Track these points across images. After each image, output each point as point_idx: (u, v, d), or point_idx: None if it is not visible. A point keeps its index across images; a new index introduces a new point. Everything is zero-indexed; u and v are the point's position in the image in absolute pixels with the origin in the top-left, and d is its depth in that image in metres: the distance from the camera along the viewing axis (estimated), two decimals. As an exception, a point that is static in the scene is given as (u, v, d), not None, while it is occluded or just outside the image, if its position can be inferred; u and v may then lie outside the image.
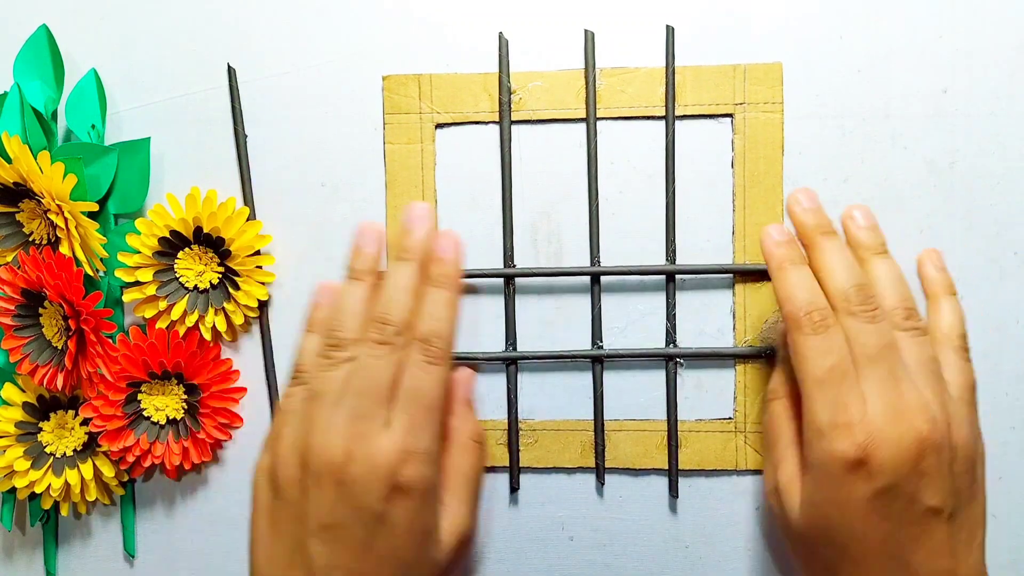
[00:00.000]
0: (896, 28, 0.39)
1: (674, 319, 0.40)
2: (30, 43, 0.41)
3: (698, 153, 0.40)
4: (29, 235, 0.40)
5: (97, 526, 0.43)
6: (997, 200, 0.39)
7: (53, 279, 0.38)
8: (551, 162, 0.40)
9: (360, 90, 0.41)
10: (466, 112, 0.40)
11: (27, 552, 0.43)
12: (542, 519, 0.41)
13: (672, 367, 0.40)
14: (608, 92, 0.40)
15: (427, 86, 0.40)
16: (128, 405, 0.40)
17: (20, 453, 0.41)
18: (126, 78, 0.42)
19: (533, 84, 0.40)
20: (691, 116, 0.40)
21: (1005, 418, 0.39)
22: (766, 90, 0.39)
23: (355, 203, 0.41)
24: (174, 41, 0.42)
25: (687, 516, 0.41)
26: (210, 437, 0.41)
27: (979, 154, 0.39)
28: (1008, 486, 0.40)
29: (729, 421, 0.40)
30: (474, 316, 0.41)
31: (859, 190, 0.39)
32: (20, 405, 0.41)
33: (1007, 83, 0.39)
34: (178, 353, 0.40)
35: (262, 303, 0.41)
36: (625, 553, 0.41)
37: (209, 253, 0.40)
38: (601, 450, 0.40)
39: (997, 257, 0.39)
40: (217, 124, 0.42)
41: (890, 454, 0.30)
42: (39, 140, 0.40)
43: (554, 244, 0.40)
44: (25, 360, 0.40)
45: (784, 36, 0.39)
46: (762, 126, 0.39)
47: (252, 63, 0.41)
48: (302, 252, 0.42)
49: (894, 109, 0.39)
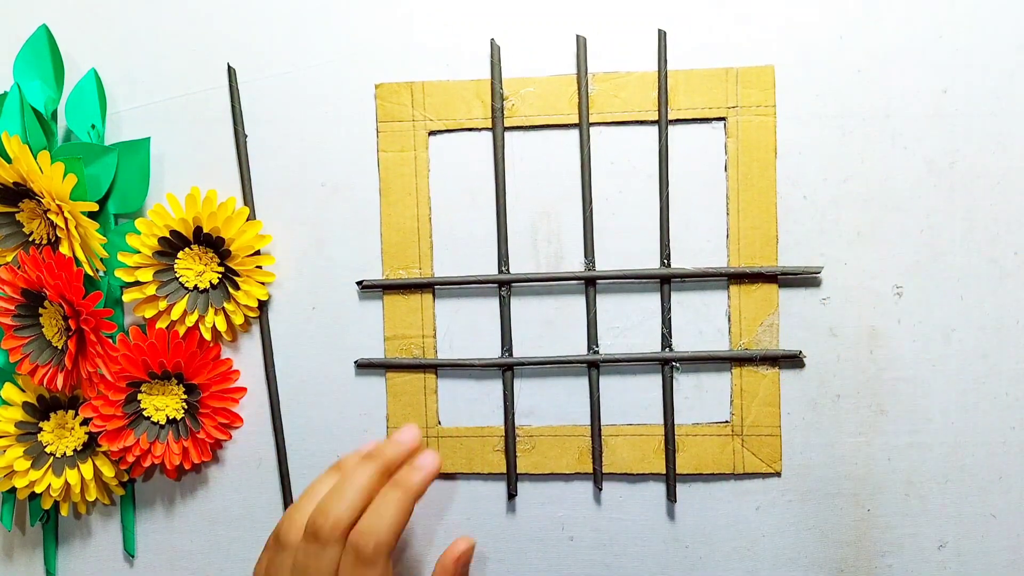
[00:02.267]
0: (896, 28, 0.39)
1: (670, 323, 0.40)
2: (30, 43, 0.41)
3: (691, 157, 0.40)
4: (29, 235, 0.40)
5: (97, 526, 0.43)
6: (997, 200, 0.39)
7: (53, 279, 0.38)
8: (545, 168, 0.40)
9: (358, 92, 0.41)
10: (459, 119, 0.40)
11: (27, 552, 0.43)
12: (542, 519, 0.41)
13: (668, 371, 0.40)
14: (601, 97, 0.40)
15: (419, 94, 0.40)
16: (128, 405, 0.40)
17: (20, 453, 0.41)
18: (126, 78, 0.42)
19: (525, 90, 0.40)
20: (684, 120, 0.40)
21: (1005, 418, 0.39)
22: (759, 93, 0.39)
23: (355, 203, 0.41)
24: (174, 41, 0.42)
25: (686, 517, 0.41)
26: (210, 437, 0.41)
27: (979, 154, 0.39)
28: (1008, 486, 0.40)
29: (726, 424, 0.40)
30: (470, 322, 0.41)
31: (859, 190, 0.39)
32: (20, 405, 0.41)
33: (1007, 83, 0.39)
34: (178, 353, 0.40)
35: (262, 303, 0.41)
36: (625, 553, 0.41)
37: (209, 253, 0.40)
38: (599, 455, 0.40)
39: (997, 257, 0.39)
40: (217, 124, 0.42)
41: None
42: (39, 140, 0.40)
43: (554, 244, 0.40)
44: (25, 360, 0.40)
45: (784, 37, 0.39)
46: (755, 129, 0.39)
47: (252, 63, 0.41)
48: (302, 252, 0.42)
49: (894, 109, 0.39)
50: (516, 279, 0.40)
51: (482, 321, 0.41)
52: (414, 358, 0.41)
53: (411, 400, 0.41)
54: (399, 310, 0.41)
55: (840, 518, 0.40)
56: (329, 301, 0.41)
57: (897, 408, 0.40)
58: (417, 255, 0.41)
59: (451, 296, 0.41)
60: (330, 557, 0.33)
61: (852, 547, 0.40)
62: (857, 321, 0.39)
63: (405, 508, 0.34)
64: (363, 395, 0.42)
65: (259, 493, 0.42)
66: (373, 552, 0.32)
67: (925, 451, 0.40)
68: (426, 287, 0.41)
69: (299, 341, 0.42)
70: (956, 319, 0.39)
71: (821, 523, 0.40)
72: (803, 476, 0.40)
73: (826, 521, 0.40)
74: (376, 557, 0.32)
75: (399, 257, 0.41)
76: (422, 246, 0.41)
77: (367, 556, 0.32)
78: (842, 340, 0.40)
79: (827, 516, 0.40)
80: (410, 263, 0.41)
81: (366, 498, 0.34)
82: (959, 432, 0.40)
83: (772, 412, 0.40)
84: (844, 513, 0.40)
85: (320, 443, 0.42)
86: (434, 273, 0.41)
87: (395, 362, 0.41)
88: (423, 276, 0.41)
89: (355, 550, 0.32)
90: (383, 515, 0.33)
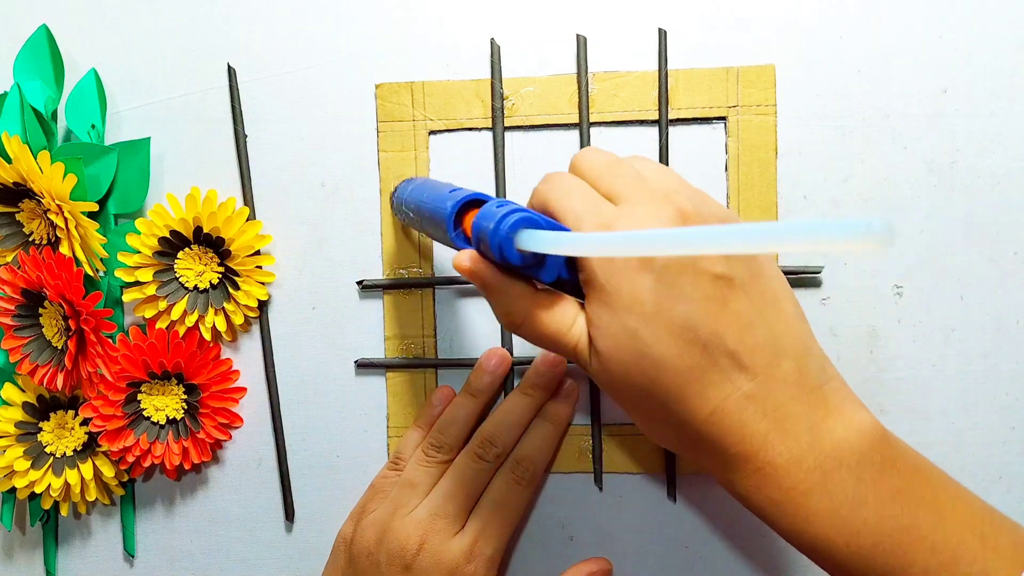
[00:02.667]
0: (896, 28, 0.39)
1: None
2: (30, 43, 0.41)
3: (692, 157, 0.40)
4: (29, 235, 0.40)
5: (97, 526, 0.43)
6: (997, 200, 0.39)
7: (53, 279, 0.38)
8: (545, 168, 0.40)
9: (358, 92, 0.41)
10: (459, 119, 0.40)
11: (27, 552, 0.43)
12: (542, 519, 0.41)
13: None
14: (601, 97, 0.40)
15: (420, 93, 0.40)
16: (128, 405, 0.40)
17: (20, 453, 0.41)
18: (126, 78, 0.42)
19: (526, 90, 0.40)
20: (684, 120, 0.40)
21: (1005, 418, 0.39)
22: (759, 92, 0.39)
23: (355, 203, 0.41)
24: (174, 41, 0.42)
25: (686, 516, 0.41)
26: (210, 437, 0.41)
27: (979, 154, 0.39)
28: (1008, 486, 0.40)
29: (729, 421, 0.40)
30: (470, 322, 0.41)
31: (859, 190, 0.39)
32: (20, 405, 0.41)
33: (1007, 83, 0.39)
34: (178, 353, 0.40)
35: (262, 303, 0.41)
36: (625, 553, 0.41)
37: (209, 253, 0.40)
38: (599, 455, 0.40)
39: (997, 257, 0.39)
40: (217, 124, 0.42)
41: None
42: (39, 140, 0.40)
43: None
44: (25, 360, 0.40)
45: (783, 37, 0.39)
46: (755, 129, 0.39)
47: (252, 63, 0.41)
48: (302, 252, 0.42)
49: (894, 109, 0.39)
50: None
51: (482, 321, 0.41)
52: (414, 358, 0.41)
53: (411, 400, 0.41)
54: (399, 310, 0.41)
55: (840, 518, 0.40)
56: (329, 301, 0.41)
57: (897, 408, 0.40)
58: (417, 255, 0.41)
59: (451, 296, 0.41)
60: (489, 475, 0.38)
61: (852, 547, 0.40)
62: (857, 321, 0.39)
63: (556, 441, 0.40)
64: (363, 395, 0.42)
65: (259, 493, 0.42)
66: (532, 476, 0.38)
67: (925, 451, 0.39)
68: (426, 287, 0.41)
69: (299, 341, 0.42)
70: (956, 319, 0.39)
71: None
72: (803, 476, 0.40)
73: (826, 521, 0.40)
74: (533, 481, 0.38)
75: (399, 257, 0.41)
76: (422, 246, 0.41)
77: (526, 478, 0.37)
78: (842, 340, 0.40)
79: (827, 516, 0.40)
80: (410, 263, 0.41)
81: (523, 426, 0.39)
82: (959, 432, 0.40)
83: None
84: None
85: (320, 443, 0.42)
86: (434, 273, 0.41)
87: (395, 362, 0.41)
88: (423, 276, 0.41)
89: (514, 470, 0.37)
90: (539, 447, 0.38)
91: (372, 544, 0.37)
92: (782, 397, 0.28)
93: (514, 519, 0.38)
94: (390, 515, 0.37)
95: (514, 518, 0.38)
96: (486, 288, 0.30)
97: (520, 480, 0.37)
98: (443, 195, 0.32)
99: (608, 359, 0.29)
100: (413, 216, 0.35)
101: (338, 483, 0.42)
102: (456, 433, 0.38)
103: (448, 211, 0.31)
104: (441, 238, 0.32)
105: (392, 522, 0.37)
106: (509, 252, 0.28)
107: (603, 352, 0.29)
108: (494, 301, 0.30)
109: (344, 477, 0.42)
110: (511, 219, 0.28)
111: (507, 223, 0.28)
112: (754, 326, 0.28)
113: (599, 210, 0.29)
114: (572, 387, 0.40)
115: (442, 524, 0.36)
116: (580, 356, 0.30)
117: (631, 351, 0.28)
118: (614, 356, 0.29)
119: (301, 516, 0.42)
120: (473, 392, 0.39)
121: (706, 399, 0.28)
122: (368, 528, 0.38)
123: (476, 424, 0.39)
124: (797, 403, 0.28)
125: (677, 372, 0.28)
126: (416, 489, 0.37)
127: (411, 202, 0.35)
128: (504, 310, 0.30)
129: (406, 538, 0.36)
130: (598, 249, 0.26)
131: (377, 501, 0.39)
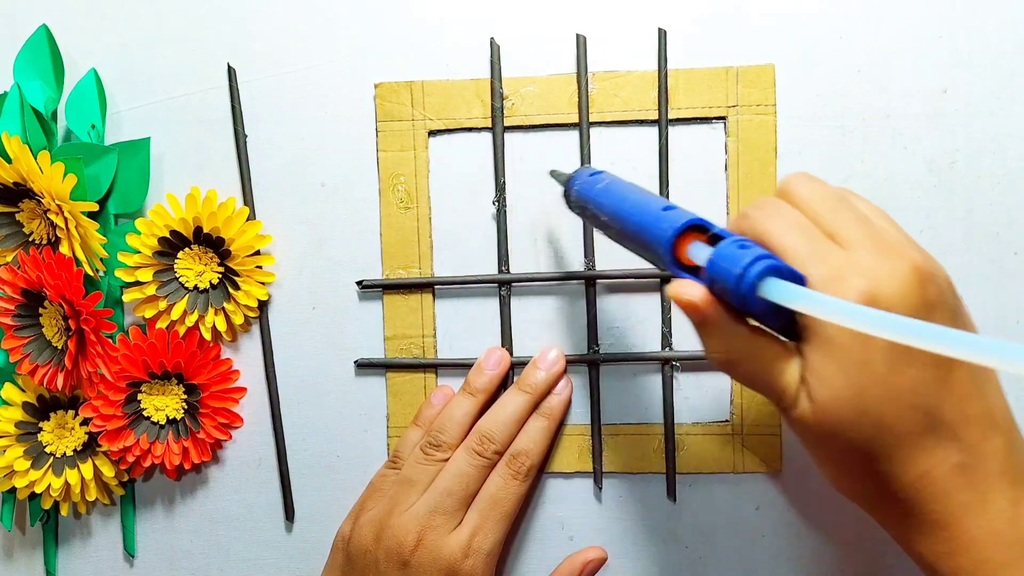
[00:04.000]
0: (896, 28, 0.39)
1: (670, 323, 0.40)
2: (30, 43, 0.41)
3: (692, 156, 0.40)
4: (29, 235, 0.40)
5: (97, 526, 0.43)
6: (997, 200, 0.39)
7: (53, 279, 0.38)
8: (545, 167, 0.40)
9: (357, 92, 0.41)
10: (459, 119, 0.40)
11: (27, 552, 0.43)
12: (542, 519, 0.41)
13: (668, 371, 0.40)
14: (601, 96, 0.40)
15: (419, 93, 0.40)
16: (128, 405, 0.40)
17: (20, 453, 0.41)
18: (126, 78, 0.42)
19: (525, 89, 0.40)
20: (684, 120, 0.40)
21: (1005, 418, 0.39)
22: (759, 92, 0.39)
23: (354, 203, 0.41)
24: (174, 41, 0.42)
25: (687, 516, 0.41)
26: (210, 437, 0.41)
27: (979, 154, 0.39)
28: (1008, 486, 0.39)
29: (726, 424, 0.40)
30: (470, 322, 0.41)
31: (859, 190, 0.39)
32: (20, 405, 0.41)
33: (1007, 83, 0.39)
34: (178, 353, 0.40)
35: (262, 303, 0.41)
36: (625, 553, 0.41)
37: (209, 253, 0.40)
38: (599, 454, 0.40)
39: (997, 257, 0.39)
40: (217, 124, 0.42)
41: (894, 289, 0.27)
42: (39, 140, 0.40)
43: (554, 244, 0.40)
44: (25, 360, 0.40)
45: (783, 36, 0.39)
46: (755, 128, 0.39)
47: (252, 63, 0.41)
48: (302, 252, 0.42)
49: (894, 109, 0.39)
50: (516, 279, 0.40)
51: (482, 321, 0.41)
52: (414, 358, 0.41)
53: (411, 400, 0.41)
54: (399, 310, 0.41)
55: (840, 518, 0.40)
56: (329, 301, 0.41)
57: (897, 408, 0.40)
58: (417, 255, 0.41)
59: (451, 296, 0.41)
60: (487, 472, 0.38)
61: (852, 547, 0.40)
62: (857, 321, 0.39)
63: (551, 435, 0.40)
64: (363, 395, 0.42)
65: (259, 493, 0.42)
66: (528, 471, 0.38)
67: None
68: (426, 287, 0.41)
69: (299, 341, 0.42)
70: (956, 319, 0.39)
71: (821, 523, 0.40)
72: (803, 476, 0.40)
73: (826, 521, 0.40)
74: (529, 474, 0.38)
75: (399, 257, 0.41)
76: (422, 246, 0.41)
77: (522, 472, 0.38)
78: (842, 340, 0.40)
79: (827, 516, 0.40)
80: (410, 263, 0.41)
81: (520, 423, 0.39)
82: (959, 432, 0.39)
83: (772, 412, 0.40)
84: (844, 513, 0.40)
85: (320, 443, 0.42)
86: (434, 273, 0.41)
87: (395, 362, 0.41)
88: (423, 276, 0.41)
89: (510, 465, 0.38)
90: (535, 441, 0.39)
91: (370, 542, 0.37)
92: (990, 471, 0.28)
93: (511, 514, 0.38)
94: (388, 512, 0.37)
95: (511, 513, 0.38)
96: (707, 326, 0.29)
97: (516, 474, 0.38)
98: (654, 212, 0.30)
99: (824, 410, 0.28)
100: (605, 220, 0.32)
101: (338, 483, 0.42)
102: (454, 431, 0.39)
103: (667, 237, 0.29)
104: (637, 251, 0.31)
105: (390, 519, 0.37)
106: (753, 300, 0.26)
107: (820, 402, 0.28)
108: (713, 339, 0.29)
109: (344, 477, 0.42)
110: (759, 266, 0.26)
111: (755, 270, 0.26)
112: (972, 398, 0.28)
113: (826, 255, 0.28)
114: (566, 383, 0.40)
115: (439, 520, 0.37)
116: (785, 399, 0.29)
117: (853, 407, 0.28)
118: (831, 408, 0.28)
119: (301, 516, 0.42)
120: (472, 391, 0.39)
121: (916, 463, 0.28)
122: (366, 526, 0.38)
123: (474, 423, 0.39)
124: (1002, 478, 0.28)
125: (894, 434, 0.28)
126: (414, 486, 0.38)
127: (606, 207, 0.32)
128: (723, 348, 0.29)
129: (404, 534, 0.36)
130: (859, 323, 0.24)
131: (375, 499, 0.39)
